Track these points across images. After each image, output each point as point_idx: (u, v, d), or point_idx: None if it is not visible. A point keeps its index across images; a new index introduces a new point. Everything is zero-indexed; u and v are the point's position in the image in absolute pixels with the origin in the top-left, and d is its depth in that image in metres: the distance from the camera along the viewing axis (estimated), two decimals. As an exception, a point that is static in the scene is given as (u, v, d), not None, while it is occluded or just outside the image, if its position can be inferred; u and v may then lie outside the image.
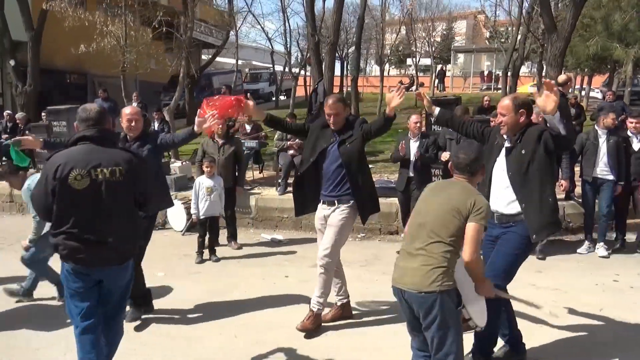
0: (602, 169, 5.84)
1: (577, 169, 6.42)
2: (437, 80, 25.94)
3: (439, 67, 29.42)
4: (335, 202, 3.92)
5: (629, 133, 6.02)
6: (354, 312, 4.32)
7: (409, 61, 34.04)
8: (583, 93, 19.31)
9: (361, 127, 3.94)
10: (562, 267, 5.59)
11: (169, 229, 7.41)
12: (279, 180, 7.89)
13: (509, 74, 15.93)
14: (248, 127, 8.89)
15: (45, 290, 4.70)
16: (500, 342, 3.50)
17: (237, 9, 15.77)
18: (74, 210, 2.73)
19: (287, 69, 24.27)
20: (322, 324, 4.06)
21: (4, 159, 9.83)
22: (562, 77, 7.46)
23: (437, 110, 3.70)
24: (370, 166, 4.67)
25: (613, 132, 5.90)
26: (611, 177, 5.79)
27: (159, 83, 21.28)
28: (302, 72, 22.25)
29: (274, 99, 22.93)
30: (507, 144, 3.34)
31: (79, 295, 2.82)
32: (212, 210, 5.98)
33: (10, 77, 13.75)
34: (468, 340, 3.09)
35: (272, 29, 29.43)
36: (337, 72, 18.06)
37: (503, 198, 3.29)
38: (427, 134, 6.39)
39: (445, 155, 5.94)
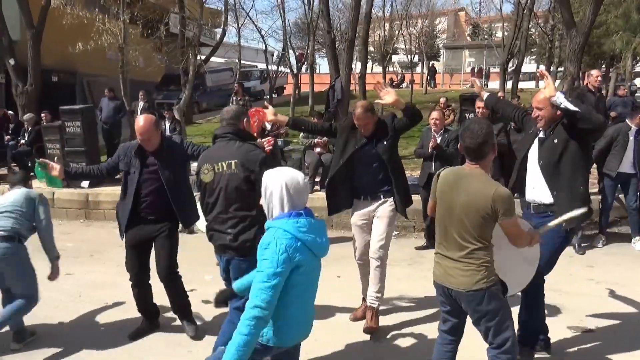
0: (628, 165, 5.86)
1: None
2: (428, 77, 26.05)
3: (431, 63, 29.55)
4: (381, 196, 3.95)
5: None
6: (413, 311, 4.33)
7: (394, 58, 34.23)
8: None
9: (393, 124, 3.95)
10: (611, 261, 5.61)
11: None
12: (307, 179, 7.76)
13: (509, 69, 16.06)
14: (268, 126, 8.72)
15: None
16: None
17: (231, 6, 15.57)
18: (207, 199, 3.09)
19: (278, 67, 24.15)
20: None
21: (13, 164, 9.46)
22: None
23: (485, 94, 3.87)
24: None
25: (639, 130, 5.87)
26: (634, 172, 5.84)
27: (150, 82, 20.91)
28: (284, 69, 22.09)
29: (266, 96, 22.72)
30: (541, 135, 3.37)
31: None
32: None
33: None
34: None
35: (264, 27, 29.14)
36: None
37: (539, 188, 3.32)
38: (449, 130, 6.35)
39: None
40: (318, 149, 7.73)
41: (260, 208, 2.43)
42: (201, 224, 6.90)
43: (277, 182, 2.23)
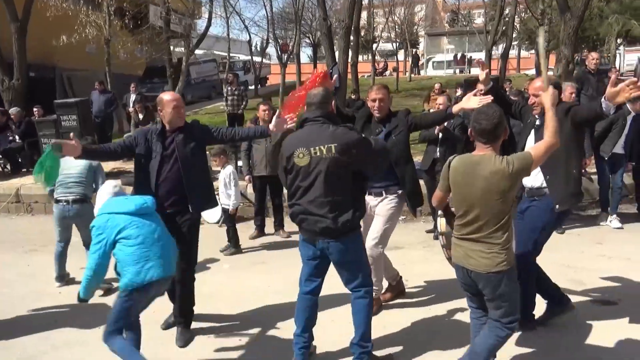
0: (620, 147, 6.03)
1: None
2: (412, 64, 26.17)
3: (414, 51, 29.67)
4: (383, 192, 3.92)
5: None
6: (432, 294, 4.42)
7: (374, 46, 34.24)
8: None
9: (407, 119, 3.94)
10: (618, 238, 5.79)
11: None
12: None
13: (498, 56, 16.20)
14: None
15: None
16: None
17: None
18: (299, 183, 3.07)
19: (262, 58, 23.98)
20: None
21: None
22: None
23: (490, 83, 3.83)
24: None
25: (637, 116, 5.99)
26: (623, 153, 6.02)
27: (132, 75, 20.56)
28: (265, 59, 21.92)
29: (250, 87, 22.57)
30: (537, 122, 3.46)
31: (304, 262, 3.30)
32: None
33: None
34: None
35: (247, 18, 28.75)
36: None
37: (533, 173, 3.31)
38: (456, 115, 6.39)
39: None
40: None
41: (354, 190, 3.03)
42: (211, 215, 7.01)
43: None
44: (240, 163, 7.29)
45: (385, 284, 4.23)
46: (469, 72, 25.66)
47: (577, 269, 4.81)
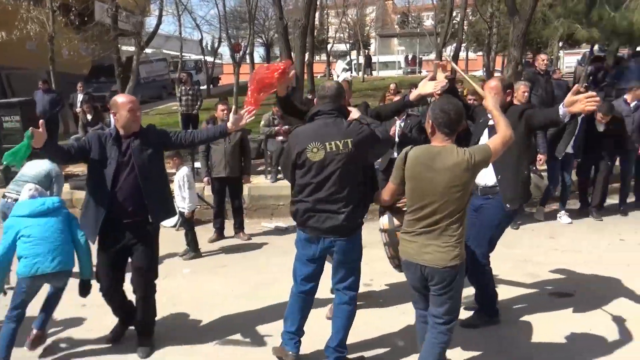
0: (571, 147, 6.29)
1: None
2: (364, 65, 26.45)
3: (367, 52, 29.99)
4: None
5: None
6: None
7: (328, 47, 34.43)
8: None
9: (367, 112, 3.89)
10: (570, 232, 6.04)
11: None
12: (270, 168, 7.69)
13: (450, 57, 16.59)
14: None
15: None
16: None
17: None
18: (311, 179, 2.98)
19: (215, 57, 23.59)
20: None
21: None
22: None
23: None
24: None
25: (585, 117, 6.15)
26: (573, 152, 6.31)
27: (77, 74, 19.73)
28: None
29: (203, 87, 22.12)
30: (490, 122, 3.49)
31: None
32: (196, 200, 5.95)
33: None
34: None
35: (198, 16, 28.05)
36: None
37: (486, 171, 3.40)
38: (411, 115, 6.46)
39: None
40: (280, 137, 7.66)
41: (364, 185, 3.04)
42: (166, 220, 6.78)
43: None
44: (197, 164, 7.11)
45: None
46: (420, 73, 26.20)
47: (533, 263, 4.97)
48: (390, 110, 4.10)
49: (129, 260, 3.52)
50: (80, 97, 10.83)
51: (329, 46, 26.71)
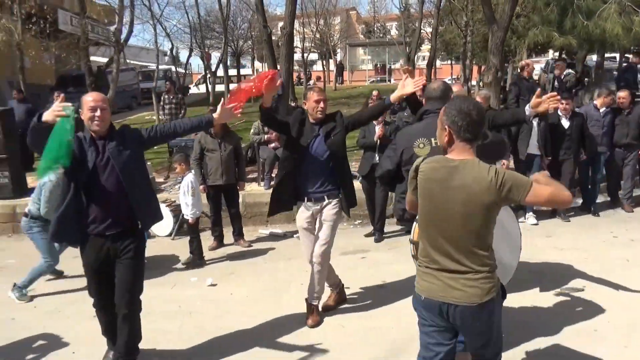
0: (534, 147, 6.50)
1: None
2: (336, 74, 26.71)
3: (339, 60, 30.28)
4: (325, 197, 3.88)
5: (559, 113, 6.45)
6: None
7: (296, 56, 34.64)
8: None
9: (342, 119, 3.94)
10: (566, 230, 6.24)
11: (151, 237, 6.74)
12: (263, 175, 7.66)
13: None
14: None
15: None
16: None
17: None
18: None
19: (187, 67, 23.34)
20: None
21: None
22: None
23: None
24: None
25: (542, 117, 6.33)
26: (538, 153, 6.49)
27: (41, 84, 19.12)
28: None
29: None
30: None
31: None
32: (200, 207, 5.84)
33: None
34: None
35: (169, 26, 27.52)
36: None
37: None
38: (389, 122, 6.50)
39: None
40: (273, 144, 7.64)
41: None
42: (161, 228, 6.65)
43: None
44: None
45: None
46: (390, 82, 26.65)
47: (535, 262, 5.10)
48: (370, 113, 4.15)
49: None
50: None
51: (299, 55, 26.84)
